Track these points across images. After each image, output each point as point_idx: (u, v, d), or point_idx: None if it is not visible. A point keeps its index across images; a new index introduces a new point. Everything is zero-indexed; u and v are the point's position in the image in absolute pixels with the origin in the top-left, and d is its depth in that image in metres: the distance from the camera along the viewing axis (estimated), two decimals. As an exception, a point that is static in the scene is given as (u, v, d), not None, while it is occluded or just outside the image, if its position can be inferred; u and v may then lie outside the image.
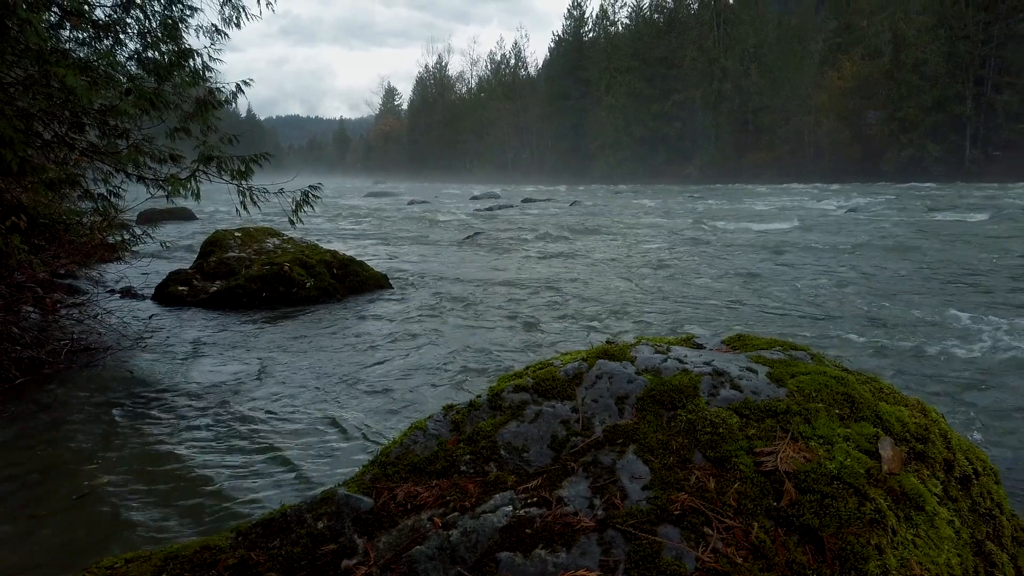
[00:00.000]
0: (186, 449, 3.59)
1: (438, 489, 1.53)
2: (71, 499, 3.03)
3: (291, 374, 4.98)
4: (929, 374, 4.80)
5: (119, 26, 5.98)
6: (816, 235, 14.44)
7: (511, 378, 1.94)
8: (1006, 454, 3.48)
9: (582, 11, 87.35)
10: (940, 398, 4.31)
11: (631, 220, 19.94)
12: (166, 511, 2.92)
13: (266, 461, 3.44)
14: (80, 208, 7.04)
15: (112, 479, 3.22)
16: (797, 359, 1.93)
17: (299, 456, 3.50)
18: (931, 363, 5.05)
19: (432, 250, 13.22)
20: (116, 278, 8.65)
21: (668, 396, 1.71)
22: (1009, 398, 4.31)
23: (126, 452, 3.57)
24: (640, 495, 1.40)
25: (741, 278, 9.07)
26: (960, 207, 20.98)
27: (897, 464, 1.51)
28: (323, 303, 7.63)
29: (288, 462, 3.43)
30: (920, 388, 4.49)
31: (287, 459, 3.46)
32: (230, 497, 3.05)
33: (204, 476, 3.26)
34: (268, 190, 6.24)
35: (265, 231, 9.21)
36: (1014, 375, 4.75)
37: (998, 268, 9.28)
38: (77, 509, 2.95)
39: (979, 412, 4.08)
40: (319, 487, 2.98)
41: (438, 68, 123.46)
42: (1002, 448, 3.56)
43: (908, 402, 1.82)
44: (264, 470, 3.34)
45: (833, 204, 25.09)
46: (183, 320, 6.83)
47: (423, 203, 33.59)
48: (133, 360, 5.33)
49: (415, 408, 4.24)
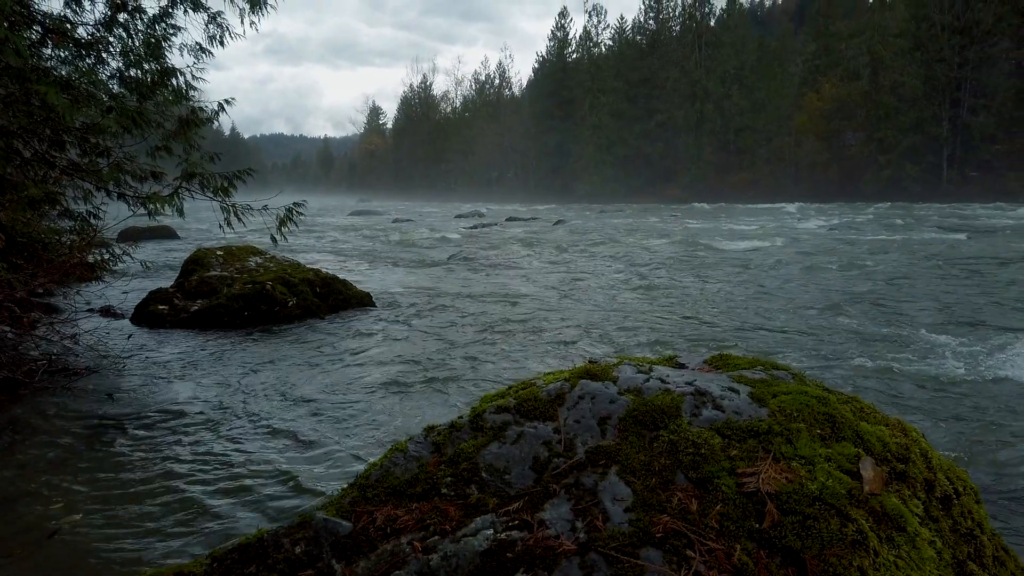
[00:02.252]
0: (161, 473, 3.54)
1: (418, 512, 1.51)
2: (44, 527, 2.96)
3: (270, 395, 4.93)
4: (907, 393, 4.83)
5: (102, 44, 5.97)
6: (797, 254, 14.57)
7: (493, 398, 1.93)
8: (985, 473, 3.50)
9: (566, 32, 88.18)
10: (918, 417, 4.34)
11: (614, 239, 20.03)
12: (143, 539, 2.87)
13: (243, 484, 3.39)
14: (60, 226, 6.98)
15: (86, 506, 3.16)
16: (779, 379, 1.94)
17: (276, 479, 3.46)
18: (909, 382, 5.08)
19: (416, 268, 13.20)
20: (96, 297, 8.55)
21: (650, 416, 1.70)
22: (987, 417, 4.34)
23: (101, 477, 3.50)
24: (622, 517, 1.39)
25: (723, 297, 9.13)
26: (937, 227, 21.27)
27: (878, 484, 1.51)
28: (306, 321, 7.58)
29: (265, 485, 3.38)
30: (899, 407, 4.51)
31: (264, 482, 3.41)
32: (206, 522, 2.99)
33: (180, 501, 3.20)
34: (251, 207, 6.21)
35: (248, 249, 9.16)
36: (991, 394, 4.80)
37: (975, 287, 9.40)
38: (50, 540, 2.88)
39: (958, 431, 4.11)
40: (296, 510, 2.94)
41: (423, 87, 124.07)
42: (981, 467, 3.58)
43: (888, 421, 1.83)
44: (240, 494, 3.28)
45: (814, 223, 25.36)
46: (163, 340, 6.76)
47: (407, 221, 33.58)
48: (111, 381, 5.26)
49: (395, 428, 4.20)
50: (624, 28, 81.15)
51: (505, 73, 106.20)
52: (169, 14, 6.18)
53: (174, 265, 11.27)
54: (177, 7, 6.16)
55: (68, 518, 3.02)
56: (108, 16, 5.94)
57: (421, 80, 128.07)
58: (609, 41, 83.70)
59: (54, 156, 5.83)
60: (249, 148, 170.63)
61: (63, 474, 3.53)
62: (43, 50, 5.81)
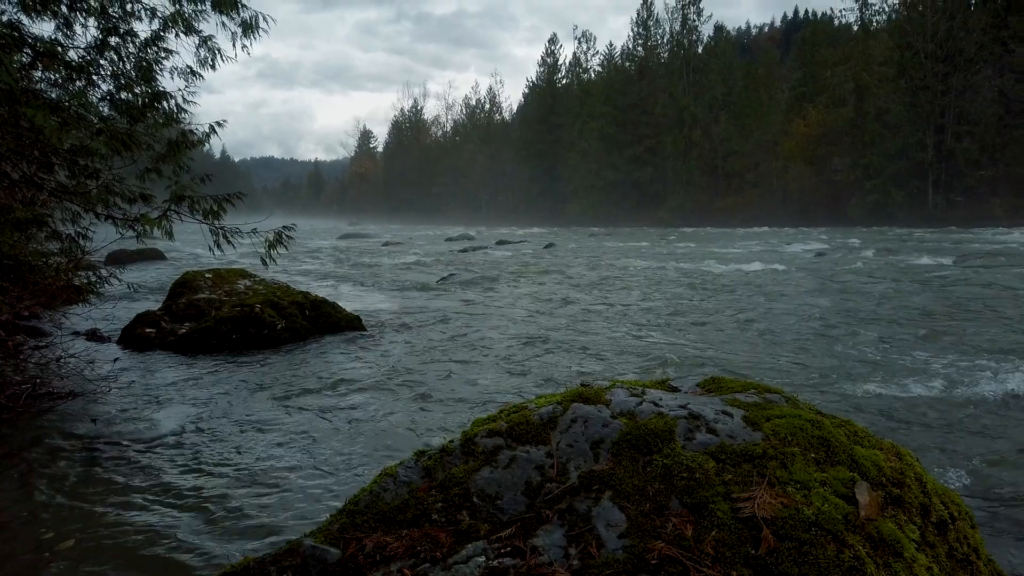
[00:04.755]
0: (146, 501, 3.47)
1: (408, 539, 1.48)
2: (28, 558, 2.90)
3: (257, 419, 4.87)
4: (899, 417, 4.83)
5: (93, 68, 5.96)
6: (786, 278, 14.64)
7: (485, 422, 1.90)
8: (979, 498, 3.49)
9: (555, 58, 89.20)
10: (911, 440, 4.33)
11: (604, 262, 20.09)
12: (124, 570, 2.81)
13: (228, 512, 3.33)
14: (47, 249, 6.92)
15: (72, 535, 3.10)
16: (772, 402, 1.93)
17: (262, 506, 3.40)
18: (901, 405, 5.08)
19: (405, 291, 13.16)
20: (82, 320, 8.47)
21: (644, 440, 1.68)
22: (980, 441, 4.34)
23: (85, 505, 3.44)
24: (616, 543, 1.37)
25: (714, 320, 9.14)
26: (923, 251, 21.47)
27: (874, 510, 1.50)
28: (295, 345, 7.52)
29: (251, 512, 3.32)
30: (891, 431, 4.51)
31: (250, 509, 3.36)
32: (192, 551, 2.94)
33: (163, 528, 3.14)
34: (241, 230, 6.18)
35: (237, 272, 9.11)
36: (984, 417, 4.80)
37: (963, 311, 9.46)
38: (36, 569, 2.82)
39: (951, 455, 4.10)
40: (284, 538, 2.89)
41: (413, 111, 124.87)
42: (975, 491, 3.57)
43: (883, 445, 1.82)
44: (226, 521, 3.23)
45: (801, 248, 25.55)
46: (149, 364, 6.68)
47: (398, 244, 33.58)
48: (96, 406, 5.18)
49: (385, 453, 4.16)
50: (613, 54, 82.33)
51: (496, 98, 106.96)
52: (161, 38, 6.18)
53: (162, 288, 11.19)
54: (169, 31, 6.16)
55: (53, 541, 2.96)
56: (100, 40, 5.94)
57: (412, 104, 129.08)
58: (598, 67, 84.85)
59: (42, 178, 5.79)
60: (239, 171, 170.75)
61: (46, 502, 3.46)
62: (33, 73, 5.79)
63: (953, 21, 49.38)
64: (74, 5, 5.73)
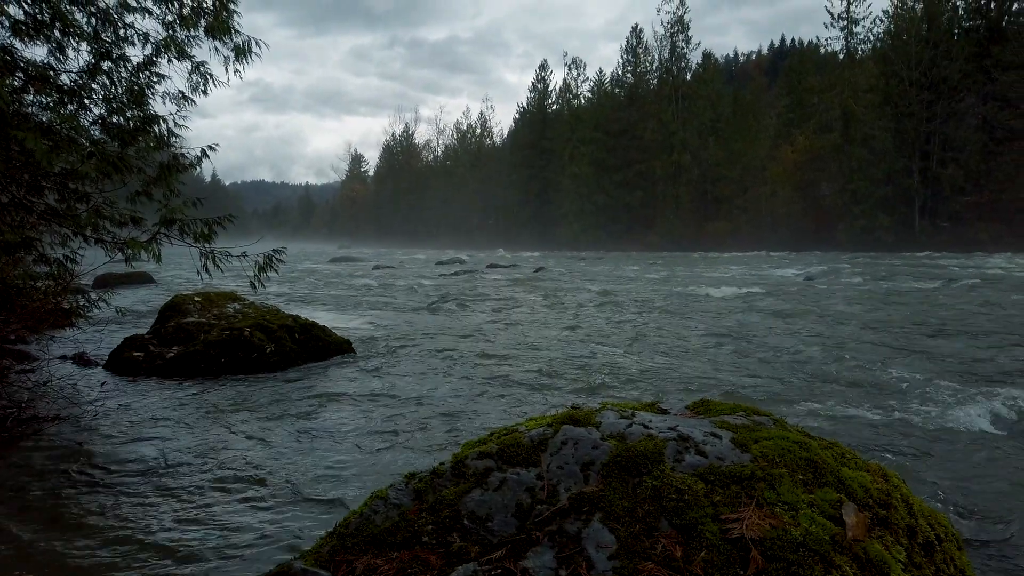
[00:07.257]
0: (128, 527, 3.44)
1: (399, 561, 1.48)
2: None
3: (244, 444, 4.84)
4: (886, 439, 4.85)
5: (85, 92, 5.98)
6: (775, 301, 14.73)
7: (475, 444, 1.91)
8: (965, 519, 3.51)
9: (546, 84, 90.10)
10: (898, 462, 4.34)
11: (595, 286, 20.14)
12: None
13: (217, 537, 3.30)
14: (35, 272, 6.88)
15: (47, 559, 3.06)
16: (760, 424, 1.94)
17: (251, 530, 3.37)
18: (887, 428, 5.11)
19: (397, 315, 13.14)
20: (70, 344, 8.41)
21: (633, 462, 1.69)
22: (966, 463, 4.36)
23: (68, 534, 3.40)
24: (606, 565, 1.37)
25: (703, 343, 9.17)
26: (911, 276, 21.66)
27: (861, 530, 1.51)
28: (284, 368, 7.49)
29: (239, 537, 3.29)
30: (878, 453, 4.52)
31: (237, 534, 3.33)
32: None
33: (148, 556, 3.11)
34: (231, 253, 6.17)
35: (226, 295, 9.08)
36: (970, 440, 4.83)
37: (950, 335, 9.54)
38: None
39: (937, 477, 4.12)
40: (274, 562, 2.86)
41: (405, 136, 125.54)
42: (962, 513, 3.59)
43: (869, 467, 1.83)
44: (214, 547, 3.20)
45: (790, 272, 25.73)
46: (137, 388, 6.64)
47: (388, 268, 33.54)
48: (82, 431, 5.13)
49: (375, 476, 4.13)
50: (603, 81, 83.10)
51: (487, 123, 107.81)
52: (153, 63, 6.22)
53: (151, 311, 11.14)
54: (161, 56, 6.20)
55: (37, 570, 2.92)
56: (92, 64, 5.97)
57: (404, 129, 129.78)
58: (588, 93, 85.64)
59: (32, 201, 5.78)
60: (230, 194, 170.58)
61: (32, 529, 3.42)
62: (25, 96, 5.81)
63: (937, 50, 50.26)
64: (67, 30, 5.77)
